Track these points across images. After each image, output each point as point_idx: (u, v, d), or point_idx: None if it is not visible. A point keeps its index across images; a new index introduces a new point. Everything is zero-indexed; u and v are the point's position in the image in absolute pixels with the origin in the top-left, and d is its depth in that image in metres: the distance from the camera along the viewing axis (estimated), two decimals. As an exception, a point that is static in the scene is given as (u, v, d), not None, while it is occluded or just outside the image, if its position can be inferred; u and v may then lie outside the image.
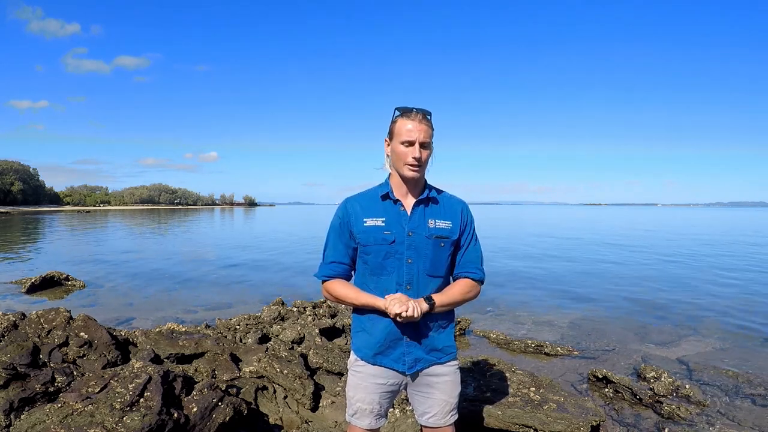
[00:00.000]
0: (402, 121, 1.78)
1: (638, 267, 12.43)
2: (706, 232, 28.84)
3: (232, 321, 5.64)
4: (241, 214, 73.00)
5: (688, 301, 8.09)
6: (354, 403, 1.94)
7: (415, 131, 1.75)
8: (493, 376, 3.43)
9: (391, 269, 1.83)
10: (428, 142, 1.78)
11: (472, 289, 1.88)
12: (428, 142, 1.77)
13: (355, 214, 1.86)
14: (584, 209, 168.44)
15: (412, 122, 1.76)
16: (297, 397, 3.32)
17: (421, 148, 1.76)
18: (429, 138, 1.77)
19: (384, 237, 1.82)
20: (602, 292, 8.86)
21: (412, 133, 1.75)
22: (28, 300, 7.90)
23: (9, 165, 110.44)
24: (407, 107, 1.80)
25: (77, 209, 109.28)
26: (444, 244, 1.84)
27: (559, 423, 2.86)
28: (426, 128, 1.76)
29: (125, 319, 6.68)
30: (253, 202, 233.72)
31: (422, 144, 1.76)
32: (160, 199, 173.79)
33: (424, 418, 1.94)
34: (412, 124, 1.75)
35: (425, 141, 1.76)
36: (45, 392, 2.75)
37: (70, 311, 3.90)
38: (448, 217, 1.87)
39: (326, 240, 1.95)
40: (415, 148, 1.75)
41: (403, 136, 1.76)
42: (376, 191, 1.90)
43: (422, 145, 1.76)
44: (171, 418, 2.40)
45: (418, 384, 1.92)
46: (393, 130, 1.80)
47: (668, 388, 3.89)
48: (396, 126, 1.79)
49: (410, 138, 1.75)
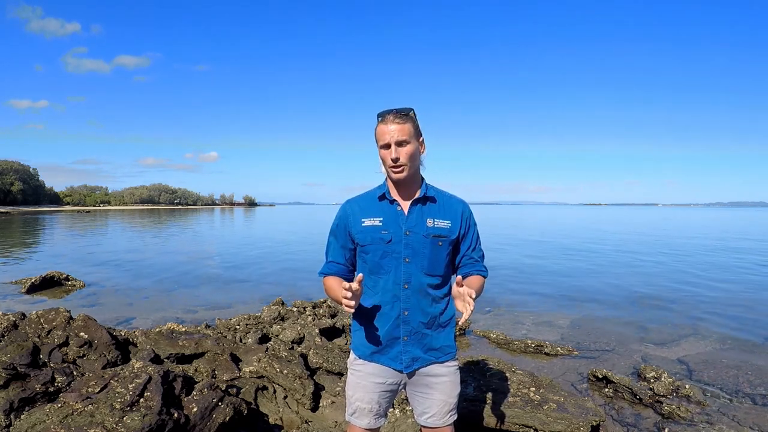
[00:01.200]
0: (379, 127, 1.79)
1: (638, 267, 12.42)
2: (706, 232, 28.83)
3: (232, 321, 5.64)
4: (241, 215, 72.98)
5: (688, 301, 8.09)
6: (353, 402, 1.94)
7: (389, 132, 1.75)
8: (493, 376, 3.43)
9: (389, 268, 1.83)
10: (405, 140, 1.76)
11: (483, 286, 1.91)
12: (405, 139, 1.75)
13: (354, 215, 1.89)
14: (584, 209, 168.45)
15: (386, 125, 1.77)
16: (297, 397, 3.32)
17: (397, 147, 1.76)
18: (406, 135, 1.76)
19: (381, 236, 1.83)
20: (602, 292, 8.85)
21: (386, 135, 1.76)
22: (28, 300, 7.90)
23: (9, 165, 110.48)
24: (385, 110, 1.80)
25: (77, 209, 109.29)
26: (442, 243, 1.84)
27: (559, 423, 2.86)
28: (400, 127, 1.75)
29: (125, 319, 6.68)
30: (253, 202, 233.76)
31: (398, 143, 1.75)
32: (160, 199, 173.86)
33: (423, 418, 1.95)
34: (387, 127, 1.76)
35: (401, 139, 1.75)
36: (45, 392, 2.75)
37: (70, 311, 3.90)
38: (447, 216, 1.87)
39: (327, 241, 2.00)
40: (392, 149, 1.76)
41: (381, 140, 1.78)
42: (375, 192, 1.92)
43: (399, 143, 1.76)
44: (171, 418, 2.40)
45: (417, 384, 1.92)
46: (375, 137, 1.83)
47: (668, 388, 3.89)
48: (376, 132, 1.81)
49: (385, 141, 1.76)
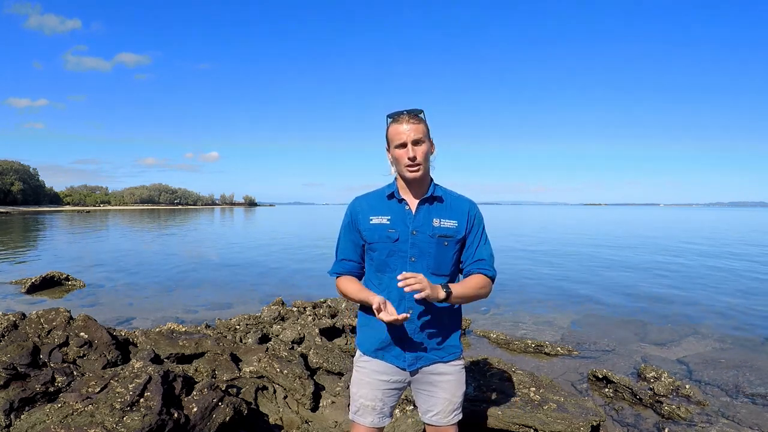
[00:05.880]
0: (393, 126, 1.82)
1: (638, 267, 12.42)
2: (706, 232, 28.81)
3: (232, 321, 5.64)
4: (242, 214, 72.99)
5: (688, 301, 8.10)
6: (357, 399, 1.95)
7: (405, 132, 1.78)
8: (493, 376, 3.43)
9: (394, 267, 1.84)
10: (420, 138, 1.79)
11: (486, 286, 1.87)
12: (420, 138, 1.79)
13: (362, 213, 1.91)
14: (584, 209, 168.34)
15: (400, 125, 1.79)
16: (297, 397, 3.32)
17: (414, 146, 1.78)
18: (421, 134, 1.79)
19: (388, 235, 1.84)
20: (602, 293, 8.86)
21: (402, 135, 1.78)
22: (28, 300, 7.90)
23: (9, 165, 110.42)
24: (396, 111, 1.84)
25: (77, 209, 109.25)
26: (448, 243, 1.85)
27: (559, 423, 2.86)
28: (415, 126, 1.79)
29: (125, 319, 6.68)
30: (253, 202, 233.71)
31: (414, 142, 1.78)
32: (160, 199, 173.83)
33: (428, 416, 1.96)
34: (401, 126, 1.79)
35: (417, 138, 1.78)
36: (45, 392, 2.75)
37: (70, 311, 3.90)
38: (454, 216, 1.87)
39: (338, 238, 2.00)
40: (408, 148, 1.78)
41: (396, 139, 1.80)
42: (384, 191, 1.93)
43: (414, 142, 1.78)
44: (171, 418, 2.40)
45: (422, 382, 1.93)
46: (387, 137, 1.85)
47: (668, 388, 3.89)
48: (389, 132, 1.84)
49: (401, 140, 1.78)
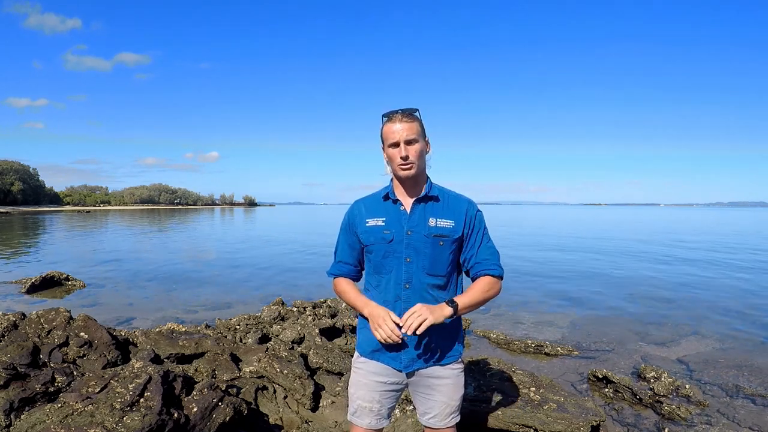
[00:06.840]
0: (387, 126, 1.82)
1: (638, 267, 12.42)
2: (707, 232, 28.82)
3: (232, 321, 5.64)
4: (241, 214, 72.97)
5: (688, 301, 8.09)
6: (355, 400, 1.95)
7: (398, 131, 1.78)
8: (493, 376, 3.43)
9: (390, 268, 1.84)
10: (413, 138, 1.79)
11: (494, 286, 1.85)
12: (413, 138, 1.79)
13: (360, 215, 1.92)
14: (584, 209, 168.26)
15: (394, 123, 1.79)
16: (297, 397, 3.32)
17: (406, 146, 1.78)
18: (414, 134, 1.79)
19: (383, 236, 1.84)
20: (602, 293, 8.85)
21: (395, 134, 1.78)
22: (28, 300, 7.91)
23: (9, 165, 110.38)
24: (391, 111, 1.83)
25: (77, 209, 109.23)
26: (443, 243, 1.83)
27: (559, 423, 2.86)
28: (408, 125, 1.78)
29: (125, 319, 6.68)
30: (253, 202, 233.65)
31: (407, 141, 1.78)
32: (160, 199, 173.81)
33: (425, 418, 1.95)
34: (395, 126, 1.79)
35: (410, 138, 1.78)
36: (45, 392, 2.75)
37: (70, 311, 3.89)
38: (450, 215, 1.86)
39: (337, 239, 2.02)
40: (401, 147, 1.78)
41: (389, 138, 1.80)
42: (380, 192, 1.94)
43: (408, 142, 1.78)
44: (171, 418, 2.40)
45: (419, 384, 1.93)
46: (382, 136, 1.85)
47: (668, 388, 3.89)
48: (383, 131, 1.84)
49: (394, 139, 1.79)
